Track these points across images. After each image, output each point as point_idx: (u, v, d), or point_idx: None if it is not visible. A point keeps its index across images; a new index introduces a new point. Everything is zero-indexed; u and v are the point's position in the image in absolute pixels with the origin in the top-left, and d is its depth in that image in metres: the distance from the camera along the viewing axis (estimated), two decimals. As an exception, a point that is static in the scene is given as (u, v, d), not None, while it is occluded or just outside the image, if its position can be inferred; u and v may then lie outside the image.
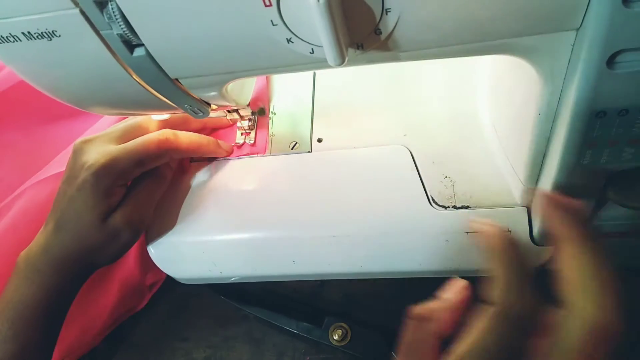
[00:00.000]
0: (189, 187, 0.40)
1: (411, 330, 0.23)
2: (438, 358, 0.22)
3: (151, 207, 0.37)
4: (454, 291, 0.24)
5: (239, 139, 0.41)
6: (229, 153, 0.41)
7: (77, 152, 0.34)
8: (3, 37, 0.22)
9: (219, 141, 0.40)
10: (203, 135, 0.39)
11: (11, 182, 0.42)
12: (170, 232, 0.38)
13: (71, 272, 0.34)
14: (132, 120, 0.37)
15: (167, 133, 0.36)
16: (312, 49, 0.22)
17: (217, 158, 0.41)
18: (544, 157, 0.28)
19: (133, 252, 0.40)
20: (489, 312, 0.21)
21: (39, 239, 0.34)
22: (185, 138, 0.37)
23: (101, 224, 0.34)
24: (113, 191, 0.34)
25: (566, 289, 0.20)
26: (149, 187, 0.37)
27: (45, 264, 0.33)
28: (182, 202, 0.39)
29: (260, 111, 0.42)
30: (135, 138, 0.35)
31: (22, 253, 0.34)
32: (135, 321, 0.42)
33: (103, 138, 0.35)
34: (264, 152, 0.40)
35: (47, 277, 0.33)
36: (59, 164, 0.40)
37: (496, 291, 0.21)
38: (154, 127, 0.37)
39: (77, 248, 0.34)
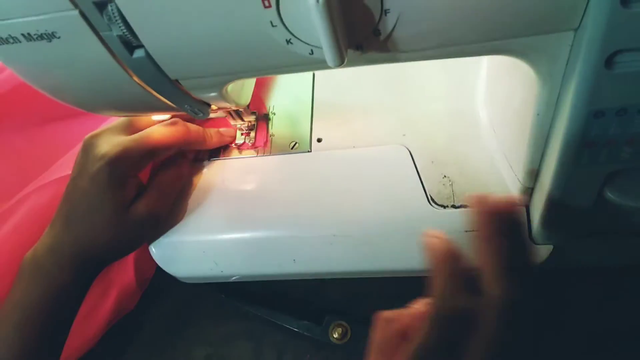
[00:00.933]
0: (189, 186, 0.40)
1: (379, 330, 0.25)
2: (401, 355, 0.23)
3: (171, 199, 0.38)
4: (420, 303, 0.26)
5: (239, 139, 0.41)
6: (234, 137, 0.41)
7: (87, 147, 0.34)
8: (3, 39, 0.22)
9: (220, 130, 0.40)
10: (208, 128, 0.40)
11: (10, 184, 0.42)
12: (172, 231, 0.38)
13: (81, 270, 0.33)
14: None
15: (178, 123, 0.36)
16: (312, 50, 0.22)
17: (218, 156, 0.41)
18: (542, 157, 0.28)
19: (132, 254, 0.40)
20: (428, 314, 0.23)
21: (45, 239, 0.34)
22: (195, 129, 0.38)
23: (122, 215, 0.33)
24: (127, 181, 0.34)
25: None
26: (169, 179, 0.37)
27: (53, 263, 0.32)
28: (183, 202, 0.39)
29: (261, 116, 0.42)
30: (142, 127, 0.35)
31: (27, 254, 0.33)
32: (136, 320, 0.42)
33: (112, 130, 0.35)
34: (264, 151, 0.40)
35: (54, 278, 0.32)
36: (61, 168, 0.40)
37: (432, 295, 0.23)
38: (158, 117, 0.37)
39: (91, 243, 0.33)
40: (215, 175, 0.40)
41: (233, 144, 0.41)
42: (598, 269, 0.36)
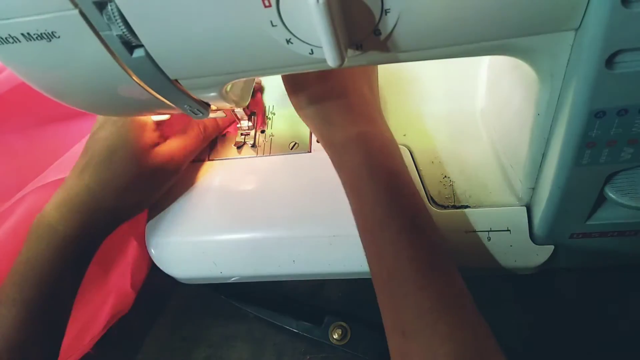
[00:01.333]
0: (189, 187, 0.40)
1: None
2: None
3: (188, 158, 0.38)
4: None
5: (239, 138, 0.41)
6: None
7: None
8: (2, 38, 0.22)
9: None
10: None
11: (8, 185, 0.42)
12: (171, 232, 0.38)
13: (89, 224, 0.32)
14: None
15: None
16: (312, 50, 0.22)
17: (218, 156, 0.41)
18: (543, 157, 0.28)
19: (130, 257, 0.40)
20: None
21: (55, 196, 0.32)
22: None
23: (143, 155, 0.33)
24: (149, 126, 0.34)
25: None
26: (190, 138, 0.38)
27: (58, 218, 0.31)
28: (182, 203, 0.39)
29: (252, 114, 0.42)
30: None
31: (37, 215, 0.32)
32: (135, 322, 0.42)
33: None
34: (264, 147, 0.40)
35: (59, 234, 0.31)
36: (60, 169, 0.40)
37: None
38: None
39: (104, 190, 0.32)
40: (215, 175, 0.40)
41: (233, 144, 0.41)
42: (598, 269, 0.36)
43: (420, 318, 0.24)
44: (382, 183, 0.29)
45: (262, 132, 0.41)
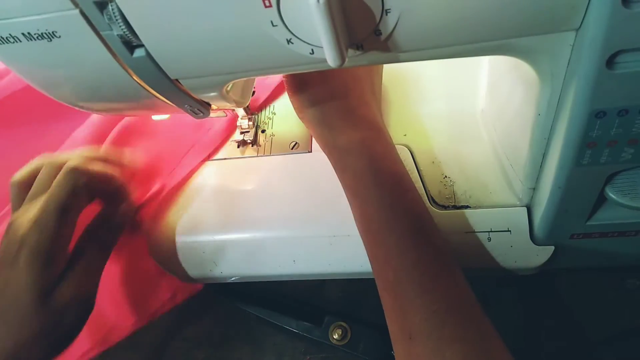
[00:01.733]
0: (189, 187, 0.40)
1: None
2: None
3: (97, 279, 0.33)
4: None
5: (238, 137, 0.41)
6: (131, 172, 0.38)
7: (8, 228, 0.31)
8: (3, 38, 0.22)
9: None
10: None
11: (7, 185, 0.42)
12: (171, 233, 0.38)
13: None
14: (41, 164, 0.34)
15: (73, 160, 0.33)
16: (312, 50, 0.22)
17: (217, 157, 0.41)
18: (543, 157, 0.28)
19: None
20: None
21: None
22: (95, 164, 0.34)
23: (43, 303, 0.29)
24: (53, 260, 0.30)
25: None
26: (93, 257, 0.33)
27: None
28: (182, 202, 0.39)
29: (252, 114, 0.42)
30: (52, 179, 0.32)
31: None
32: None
33: (29, 201, 0.32)
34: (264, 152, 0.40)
35: None
36: None
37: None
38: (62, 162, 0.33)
39: (14, 343, 0.28)
40: (215, 175, 0.40)
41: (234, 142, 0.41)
42: (598, 269, 0.36)
43: (427, 321, 0.24)
44: (387, 188, 0.29)
45: (263, 131, 0.41)
